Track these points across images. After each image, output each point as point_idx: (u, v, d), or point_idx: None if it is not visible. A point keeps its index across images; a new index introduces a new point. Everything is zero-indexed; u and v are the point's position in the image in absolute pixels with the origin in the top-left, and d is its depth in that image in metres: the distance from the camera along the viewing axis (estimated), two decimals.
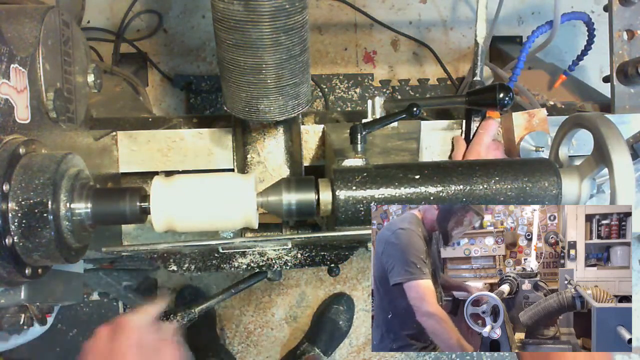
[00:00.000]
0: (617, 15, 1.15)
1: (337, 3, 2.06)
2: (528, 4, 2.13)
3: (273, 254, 0.92)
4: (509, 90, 0.88)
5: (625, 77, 1.13)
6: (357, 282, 2.06)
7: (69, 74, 0.82)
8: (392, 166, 0.77)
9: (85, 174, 0.71)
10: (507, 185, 0.74)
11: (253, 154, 0.96)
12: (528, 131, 1.01)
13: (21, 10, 0.75)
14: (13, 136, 0.66)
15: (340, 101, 2.07)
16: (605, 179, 0.91)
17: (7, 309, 0.76)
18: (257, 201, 0.73)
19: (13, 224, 0.61)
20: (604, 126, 0.73)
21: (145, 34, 2.04)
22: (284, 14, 0.69)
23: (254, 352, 2.03)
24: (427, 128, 1.07)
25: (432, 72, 2.11)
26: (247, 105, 0.80)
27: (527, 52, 1.26)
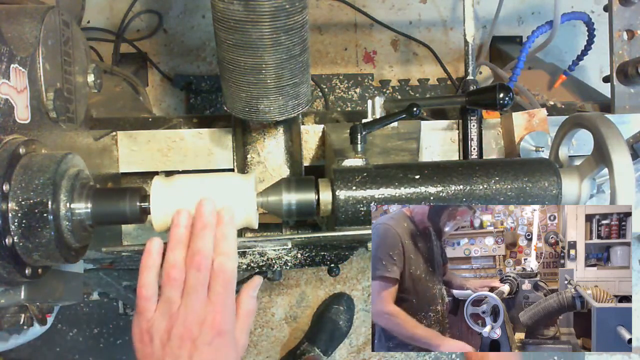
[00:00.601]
0: (617, 15, 1.15)
1: (337, 3, 2.06)
2: (528, 4, 2.13)
3: (273, 254, 0.92)
4: (509, 90, 0.88)
5: (625, 77, 1.13)
6: (357, 282, 2.06)
7: (69, 74, 0.82)
8: (392, 166, 0.77)
9: (85, 174, 0.71)
10: (507, 185, 0.74)
11: (253, 154, 0.96)
12: (528, 131, 1.01)
13: (21, 10, 0.75)
14: (13, 136, 0.66)
15: (340, 101, 2.07)
16: (605, 179, 0.91)
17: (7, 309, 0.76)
18: (257, 201, 0.73)
19: (13, 224, 0.61)
20: (604, 126, 0.73)
21: (145, 34, 2.04)
22: (284, 14, 0.69)
23: (254, 352, 2.03)
24: (427, 128, 1.07)
25: (432, 72, 2.11)
26: (247, 105, 0.80)
27: (527, 52, 1.26)
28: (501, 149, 1.07)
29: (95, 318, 1.96)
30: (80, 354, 1.96)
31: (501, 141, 1.06)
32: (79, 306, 1.94)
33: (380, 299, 0.73)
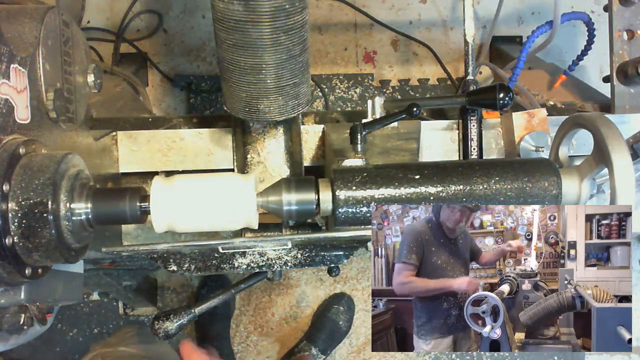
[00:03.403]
0: (617, 15, 1.15)
1: (337, 3, 2.06)
2: (528, 4, 2.13)
3: (273, 254, 0.92)
4: (509, 90, 0.88)
5: (625, 77, 1.13)
6: (357, 282, 2.06)
7: (69, 74, 0.82)
8: (392, 166, 0.77)
9: (85, 174, 0.71)
10: (507, 185, 0.74)
11: (253, 154, 0.96)
12: (528, 131, 1.01)
13: (21, 10, 0.75)
14: (13, 136, 0.66)
15: (340, 101, 2.06)
16: (605, 179, 0.91)
17: (7, 309, 0.76)
18: (257, 201, 0.73)
19: (13, 224, 0.61)
20: (604, 126, 0.73)
21: (145, 34, 2.04)
22: (284, 14, 0.69)
23: (254, 352, 2.03)
24: (427, 128, 1.07)
25: (432, 72, 2.11)
26: (247, 105, 0.80)
27: (527, 52, 1.26)
28: (501, 149, 1.07)
29: (95, 318, 1.96)
30: (80, 354, 1.95)
31: (501, 141, 1.06)
32: (79, 306, 1.94)
33: (399, 275, 0.88)
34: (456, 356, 2.10)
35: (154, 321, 0.90)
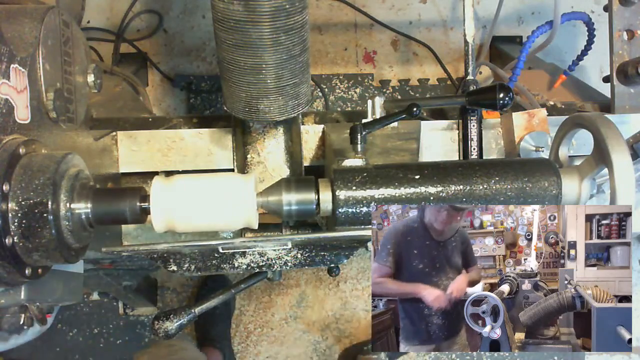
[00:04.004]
0: (617, 15, 1.15)
1: (337, 3, 2.06)
2: (528, 4, 2.13)
3: (273, 254, 0.92)
4: (509, 90, 0.88)
5: (625, 77, 1.13)
6: (357, 282, 2.06)
7: (69, 74, 0.82)
8: (392, 166, 0.77)
9: (85, 174, 0.71)
10: (507, 185, 0.74)
11: (253, 154, 0.96)
12: (528, 131, 1.01)
13: (21, 10, 0.75)
14: (13, 136, 0.66)
15: (340, 101, 2.06)
16: (605, 179, 0.91)
17: (7, 309, 0.76)
18: (257, 201, 0.73)
19: (13, 224, 0.61)
20: (604, 126, 0.73)
21: (145, 34, 2.04)
22: (284, 14, 0.69)
23: (253, 352, 2.03)
24: (427, 128, 1.07)
25: (432, 72, 2.11)
26: (247, 105, 0.80)
27: (527, 52, 1.26)
28: (501, 149, 1.07)
29: (95, 318, 1.96)
30: (80, 354, 1.96)
31: (501, 141, 1.06)
32: (79, 306, 1.94)
33: (375, 275, 0.89)
34: (456, 356, 2.10)
35: (154, 321, 0.90)
